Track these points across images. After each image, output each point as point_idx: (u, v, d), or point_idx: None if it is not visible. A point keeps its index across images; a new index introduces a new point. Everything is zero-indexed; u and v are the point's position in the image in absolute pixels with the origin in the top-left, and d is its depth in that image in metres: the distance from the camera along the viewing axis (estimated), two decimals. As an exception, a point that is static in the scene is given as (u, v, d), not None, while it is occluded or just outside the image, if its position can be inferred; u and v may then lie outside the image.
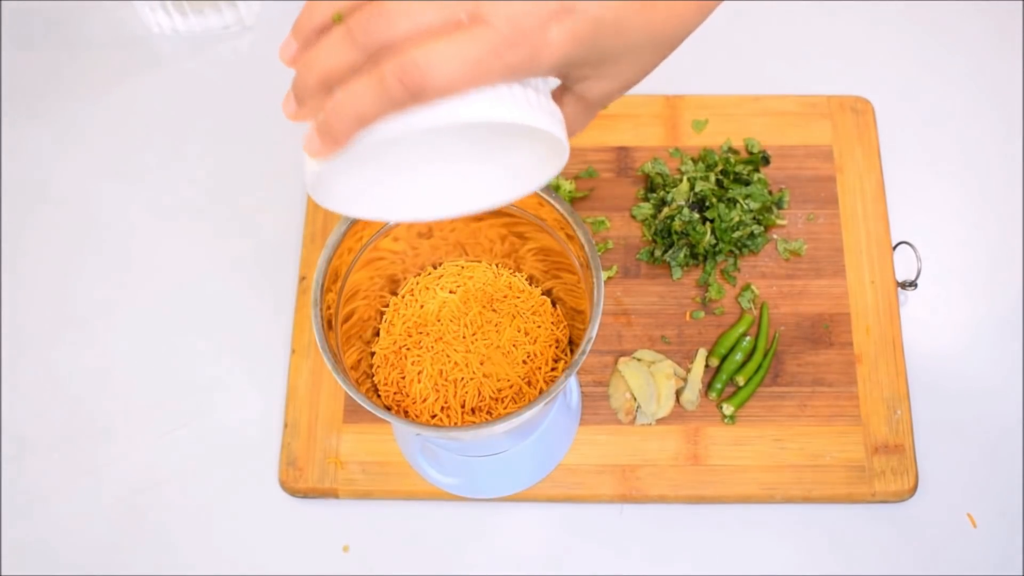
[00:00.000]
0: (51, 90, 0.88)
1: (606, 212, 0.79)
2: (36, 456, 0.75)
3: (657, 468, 0.71)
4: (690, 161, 0.80)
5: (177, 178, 0.84)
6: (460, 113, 0.42)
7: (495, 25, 0.42)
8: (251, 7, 0.89)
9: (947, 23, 0.88)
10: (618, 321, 0.76)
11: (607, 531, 0.71)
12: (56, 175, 0.84)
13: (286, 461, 0.72)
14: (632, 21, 0.47)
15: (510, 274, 0.70)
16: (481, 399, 0.65)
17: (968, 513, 0.71)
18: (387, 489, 0.72)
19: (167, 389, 0.76)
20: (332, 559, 0.71)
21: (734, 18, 0.89)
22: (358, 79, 0.43)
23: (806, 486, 0.71)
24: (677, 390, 0.72)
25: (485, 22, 0.42)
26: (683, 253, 0.77)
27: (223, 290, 0.79)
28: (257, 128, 0.85)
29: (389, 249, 0.66)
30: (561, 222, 0.61)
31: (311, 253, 0.79)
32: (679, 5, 0.49)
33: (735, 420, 0.72)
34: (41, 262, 0.81)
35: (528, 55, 0.44)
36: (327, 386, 0.74)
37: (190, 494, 0.73)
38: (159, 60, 0.89)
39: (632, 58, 0.50)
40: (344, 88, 0.43)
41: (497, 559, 0.71)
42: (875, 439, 0.72)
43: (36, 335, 0.79)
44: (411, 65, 0.41)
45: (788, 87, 0.85)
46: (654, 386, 0.72)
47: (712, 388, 0.73)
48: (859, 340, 0.75)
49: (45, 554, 0.72)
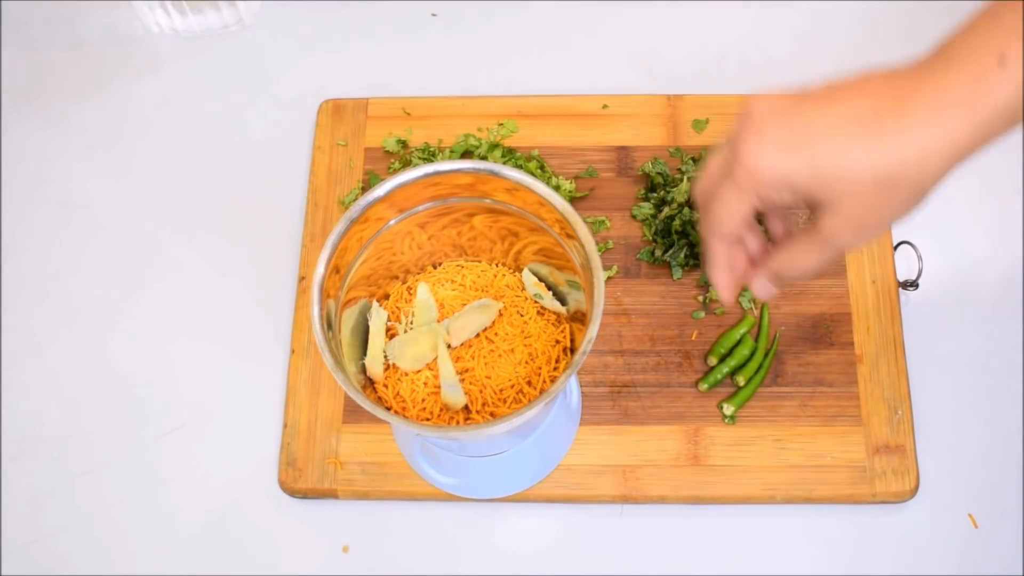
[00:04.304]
0: (50, 90, 0.88)
1: (606, 212, 0.79)
2: (36, 456, 0.75)
3: (657, 468, 0.71)
4: (690, 161, 0.80)
5: (177, 178, 0.84)
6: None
7: (737, 155, 0.52)
8: (251, 7, 0.89)
9: (947, 23, 0.88)
10: (618, 321, 0.76)
11: (607, 531, 0.71)
12: (55, 175, 0.84)
13: (286, 461, 0.72)
14: (851, 152, 0.49)
15: (510, 274, 0.70)
16: (482, 399, 0.65)
17: (969, 513, 0.71)
18: (387, 489, 0.72)
19: (167, 389, 0.76)
20: (332, 559, 0.71)
21: (734, 18, 0.89)
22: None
23: (807, 486, 0.70)
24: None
25: (733, 152, 0.53)
26: (683, 253, 0.76)
27: (223, 290, 0.79)
28: (257, 128, 0.85)
29: (389, 249, 0.66)
30: (561, 222, 0.61)
31: (311, 253, 0.79)
32: (907, 145, 0.48)
33: (735, 420, 0.72)
34: (41, 261, 0.81)
35: (750, 176, 0.51)
36: (327, 386, 0.74)
37: (190, 494, 0.73)
38: (159, 60, 0.89)
39: (855, 193, 0.50)
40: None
41: (497, 559, 0.71)
42: (876, 439, 0.71)
43: (36, 335, 0.79)
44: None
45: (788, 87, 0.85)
46: None
47: (705, 380, 0.73)
48: (860, 340, 0.74)
49: (45, 554, 0.72)
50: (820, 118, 0.50)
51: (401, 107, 0.84)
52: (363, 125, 0.83)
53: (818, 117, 0.50)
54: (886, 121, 0.48)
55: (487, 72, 0.87)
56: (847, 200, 0.50)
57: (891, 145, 0.48)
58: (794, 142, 0.50)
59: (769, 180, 0.51)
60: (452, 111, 0.84)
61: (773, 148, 0.50)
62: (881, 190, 0.49)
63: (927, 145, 0.47)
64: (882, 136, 0.48)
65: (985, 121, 0.47)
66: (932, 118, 0.47)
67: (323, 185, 0.81)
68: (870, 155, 0.48)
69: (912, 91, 0.48)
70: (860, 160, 0.48)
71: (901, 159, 0.48)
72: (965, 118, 0.47)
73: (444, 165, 0.62)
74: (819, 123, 0.49)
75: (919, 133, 0.47)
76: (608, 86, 0.86)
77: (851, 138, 0.48)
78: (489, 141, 0.82)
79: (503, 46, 0.88)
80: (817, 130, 0.49)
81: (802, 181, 0.50)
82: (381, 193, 0.62)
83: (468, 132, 0.82)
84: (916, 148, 0.48)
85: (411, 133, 0.83)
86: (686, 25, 0.88)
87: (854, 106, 0.49)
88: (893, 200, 0.50)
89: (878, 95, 0.49)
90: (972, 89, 0.47)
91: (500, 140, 0.82)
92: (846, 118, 0.49)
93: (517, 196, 0.63)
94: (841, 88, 0.50)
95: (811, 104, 0.50)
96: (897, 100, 0.48)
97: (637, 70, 0.87)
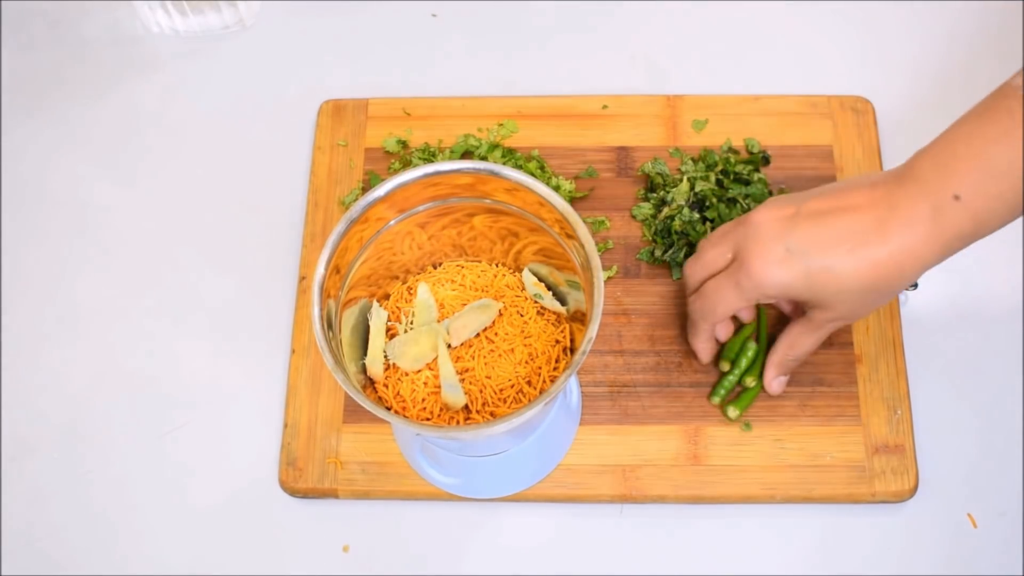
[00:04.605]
0: (50, 90, 0.88)
1: (606, 212, 0.79)
2: (36, 456, 0.75)
3: (657, 468, 0.71)
4: (690, 161, 0.80)
5: (177, 178, 0.84)
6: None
7: (742, 264, 0.63)
8: (251, 7, 0.89)
9: (947, 23, 0.88)
10: (618, 321, 0.76)
11: (607, 531, 0.71)
12: (55, 175, 0.84)
13: (286, 461, 0.72)
14: (840, 268, 0.60)
15: (510, 274, 0.70)
16: (482, 399, 0.65)
17: (968, 513, 0.71)
18: (387, 489, 0.72)
19: (167, 389, 0.76)
20: (332, 559, 0.71)
21: (734, 18, 0.89)
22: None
23: (806, 486, 0.70)
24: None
25: (738, 260, 0.63)
26: (683, 253, 0.76)
27: (223, 290, 0.79)
28: (257, 128, 0.86)
29: (389, 249, 0.66)
30: (561, 222, 0.61)
31: (311, 253, 0.79)
32: (886, 261, 0.59)
33: (742, 421, 0.72)
34: (41, 261, 0.81)
35: (755, 285, 0.62)
36: (327, 386, 0.74)
37: (190, 494, 0.73)
38: (159, 60, 0.89)
39: (844, 298, 0.61)
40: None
41: (497, 559, 0.71)
42: (875, 439, 0.71)
43: (36, 335, 0.79)
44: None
45: (788, 87, 0.85)
46: None
47: (716, 392, 0.72)
48: (859, 340, 0.75)
49: (45, 554, 0.72)
50: (814, 236, 0.60)
51: (401, 107, 0.84)
52: (363, 125, 0.83)
53: (812, 235, 0.60)
54: (869, 240, 0.59)
55: (487, 72, 0.87)
56: (836, 302, 0.62)
57: (874, 262, 0.59)
58: (793, 257, 0.61)
59: (769, 289, 0.62)
60: (452, 111, 0.84)
61: (776, 263, 0.61)
62: (865, 294, 0.61)
63: (903, 261, 0.59)
64: (867, 254, 0.59)
65: (948, 241, 0.58)
66: (906, 240, 0.58)
67: (323, 185, 0.81)
68: (857, 270, 0.59)
69: (890, 216, 0.59)
70: (848, 273, 0.60)
71: (883, 272, 0.59)
72: (932, 240, 0.58)
73: (444, 165, 0.62)
74: (813, 241, 0.60)
75: (896, 252, 0.58)
76: (608, 86, 0.86)
77: (840, 255, 0.59)
78: (489, 141, 0.82)
79: (503, 46, 0.88)
80: (812, 247, 0.60)
81: (797, 290, 0.62)
82: (381, 193, 0.62)
83: (468, 132, 0.82)
84: (894, 263, 0.59)
85: (411, 133, 0.83)
86: (686, 25, 0.89)
87: (843, 227, 0.60)
88: (874, 299, 0.62)
89: (863, 217, 0.59)
90: (936, 220, 0.58)
91: (500, 140, 0.82)
92: (836, 238, 0.60)
93: (517, 196, 0.63)
94: (832, 209, 0.60)
95: (806, 223, 0.61)
96: (878, 222, 0.59)
97: (637, 70, 0.87)
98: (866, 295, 0.61)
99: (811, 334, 0.67)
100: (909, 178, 0.59)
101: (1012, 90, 0.58)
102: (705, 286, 0.67)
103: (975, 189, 0.57)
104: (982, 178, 0.57)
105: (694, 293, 0.68)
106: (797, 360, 0.69)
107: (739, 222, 0.64)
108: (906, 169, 0.60)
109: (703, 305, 0.67)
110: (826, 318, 0.64)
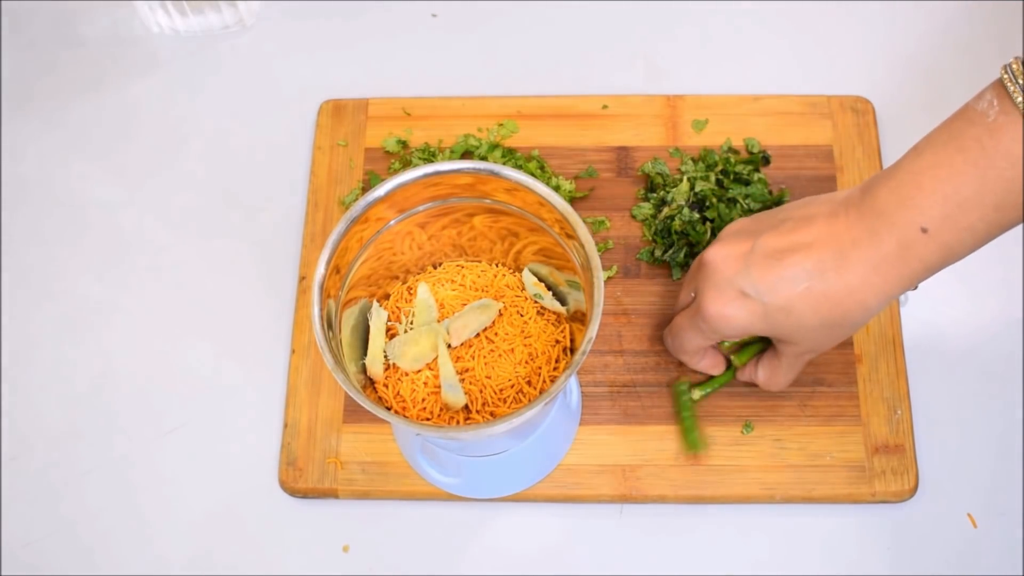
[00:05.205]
0: (50, 90, 0.88)
1: (606, 212, 0.79)
2: (36, 456, 0.75)
3: (657, 468, 0.71)
4: (690, 161, 0.80)
5: (177, 178, 0.84)
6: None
7: (699, 306, 0.62)
8: (251, 7, 0.89)
9: (947, 23, 0.88)
10: (618, 321, 0.76)
11: (607, 531, 0.71)
12: (55, 175, 0.84)
13: (286, 461, 0.72)
14: (799, 307, 0.59)
15: (510, 274, 0.70)
16: (482, 399, 0.65)
17: (968, 513, 0.71)
18: (387, 489, 0.72)
19: (167, 389, 0.76)
20: (332, 559, 0.71)
21: (734, 18, 0.89)
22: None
23: (806, 486, 0.70)
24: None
25: (696, 301, 0.64)
26: (683, 253, 0.76)
27: (223, 290, 0.79)
28: (257, 128, 0.86)
29: (389, 249, 0.66)
30: (561, 222, 0.61)
31: (311, 253, 0.79)
32: (846, 299, 0.58)
33: (743, 422, 0.72)
34: (41, 261, 0.81)
35: (712, 328, 0.62)
36: (327, 386, 0.74)
37: (190, 494, 0.73)
38: (159, 60, 0.89)
39: (806, 334, 0.61)
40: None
41: (497, 559, 0.71)
42: (875, 439, 0.71)
43: (36, 335, 0.79)
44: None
45: (788, 87, 0.85)
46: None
47: (702, 386, 0.72)
48: (859, 340, 0.75)
49: (45, 554, 0.72)
50: (769, 278, 0.59)
51: (401, 107, 0.84)
52: (363, 125, 0.83)
53: (767, 277, 0.59)
54: (827, 279, 0.57)
55: (487, 72, 0.87)
56: (799, 339, 0.61)
57: (834, 300, 0.58)
58: (748, 298, 0.60)
59: (726, 330, 0.62)
60: (452, 111, 0.84)
61: (729, 304, 0.60)
62: (828, 329, 0.60)
63: (864, 297, 0.57)
64: (825, 292, 0.58)
65: (915, 272, 0.57)
66: (869, 277, 0.57)
67: (323, 185, 0.81)
68: (816, 310, 0.58)
69: (852, 251, 0.57)
70: (807, 313, 0.59)
71: (843, 309, 0.58)
72: (897, 274, 0.56)
73: (444, 165, 0.62)
74: (768, 283, 0.59)
75: (858, 288, 0.57)
76: (608, 86, 0.86)
77: (798, 296, 0.58)
78: (489, 141, 0.82)
79: (503, 46, 0.88)
80: (767, 289, 0.59)
81: (758, 328, 0.61)
82: (381, 193, 0.62)
83: (468, 132, 0.82)
84: (855, 300, 0.57)
85: (411, 133, 0.83)
86: (686, 25, 0.89)
87: (798, 268, 0.58)
88: (839, 334, 0.61)
89: (820, 254, 0.58)
90: (902, 255, 0.56)
91: (500, 140, 0.82)
92: (792, 278, 0.58)
93: (517, 196, 0.63)
94: (788, 247, 0.59)
95: (761, 263, 0.59)
96: (838, 258, 0.57)
97: (637, 70, 0.87)
98: (830, 330, 0.60)
99: (784, 367, 0.67)
100: (870, 211, 0.57)
101: (978, 116, 0.54)
102: (673, 323, 0.69)
103: (943, 223, 0.55)
104: (950, 210, 0.54)
105: (667, 330, 0.71)
106: (776, 391, 0.70)
107: (698, 261, 0.64)
108: (867, 199, 0.57)
109: (673, 343, 0.69)
110: (794, 352, 0.64)
